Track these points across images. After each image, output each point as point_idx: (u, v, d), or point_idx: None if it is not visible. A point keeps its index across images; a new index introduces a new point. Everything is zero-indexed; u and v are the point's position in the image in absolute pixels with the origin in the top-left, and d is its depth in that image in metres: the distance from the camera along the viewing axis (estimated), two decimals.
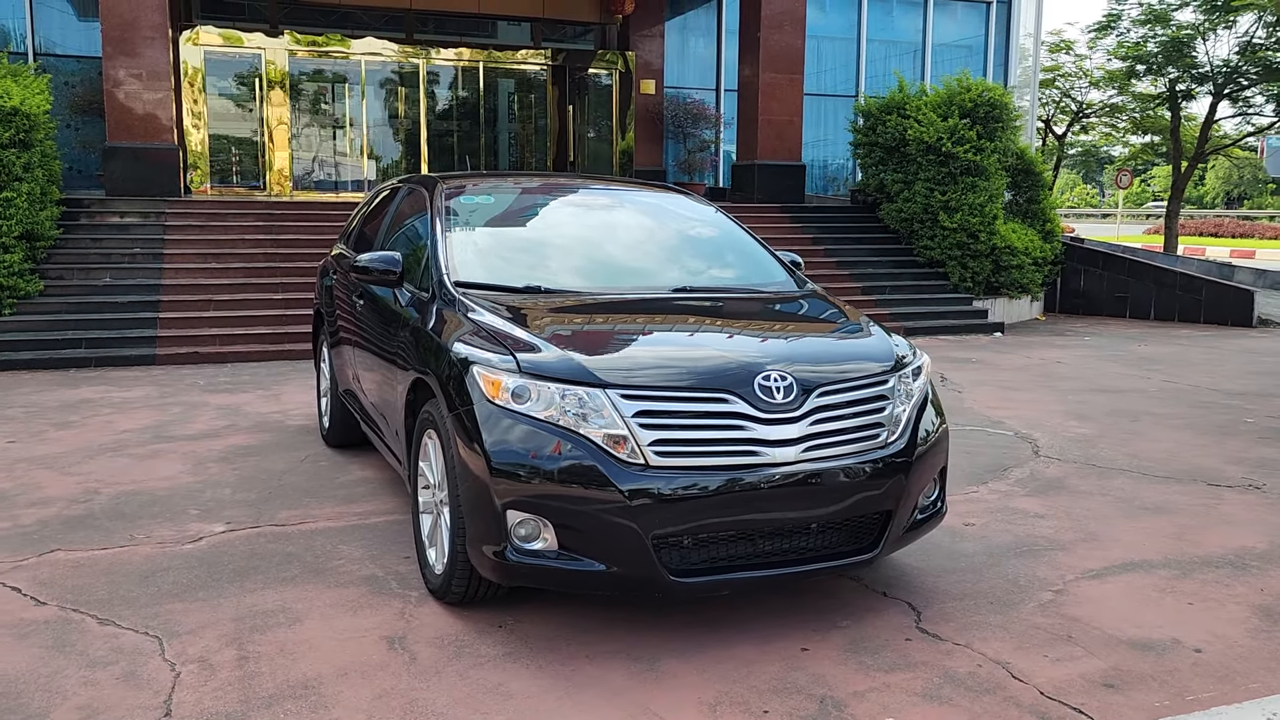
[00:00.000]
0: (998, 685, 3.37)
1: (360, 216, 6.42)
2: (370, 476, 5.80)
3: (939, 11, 20.89)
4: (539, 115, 18.69)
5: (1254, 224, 42.23)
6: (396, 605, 4.00)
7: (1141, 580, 4.32)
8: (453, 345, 3.85)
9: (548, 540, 3.50)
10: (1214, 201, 64.01)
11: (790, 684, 3.37)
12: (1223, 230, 39.02)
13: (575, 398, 3.51)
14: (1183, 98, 24.93)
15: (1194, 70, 23.68)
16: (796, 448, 3.58)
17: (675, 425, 3.51)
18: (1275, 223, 44.58)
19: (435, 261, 4.48)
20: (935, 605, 4.02)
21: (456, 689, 3.33)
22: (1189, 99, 25.20)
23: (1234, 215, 49.55)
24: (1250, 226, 40.90)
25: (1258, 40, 23.05)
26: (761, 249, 5.15)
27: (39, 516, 5.08)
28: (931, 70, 20.70)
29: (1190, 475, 5.97)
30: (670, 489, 3.43)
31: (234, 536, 4.80)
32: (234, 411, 7.59)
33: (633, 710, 3.20)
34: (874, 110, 13.83)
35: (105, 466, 6.02)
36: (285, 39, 16.33)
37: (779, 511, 3.57)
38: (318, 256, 11.51)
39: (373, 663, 3.51)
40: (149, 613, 3.91)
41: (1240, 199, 64.47)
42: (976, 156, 12.82)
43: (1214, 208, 60.25)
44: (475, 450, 3.57)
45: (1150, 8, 24.07)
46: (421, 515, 4.24)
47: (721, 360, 3.70)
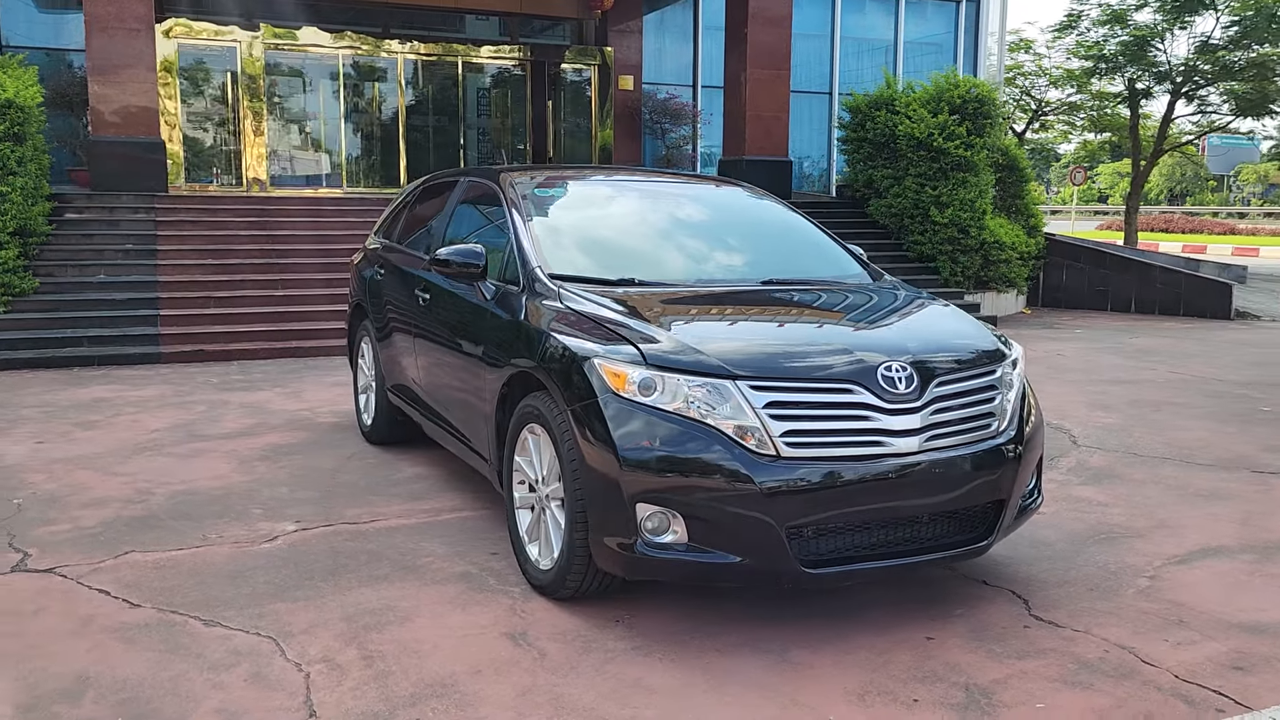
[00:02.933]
0: (1130, 670, 3.42)
1: (402, 210, 6.33)
2: (425, 473, 5.73)
3: (910, 10, 21.10)
4: (517, 110, 18.56)
5: (1200, 220, 43.28)
6: (503, 601, 3.95)
7: (1227, 565, 4.41)
8: (566, 338, 3.81)
9: (677, 533, 3.49)
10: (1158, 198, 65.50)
11: (929, 673, 3.39)
12: (1173, 226, 39.95)
13: (704, 389, 3.49)
14: (1142, 96, 25.44)
15: (1154, 69, 24.18)
16: (919, 437, 3.60)
17: (805, 416, 3.51)
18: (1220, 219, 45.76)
19: (522, 254, 4.43)
20: (1039, 593, 4.07)
21: (597, 684, 3.30)
22: (1147, 97, 25.73)
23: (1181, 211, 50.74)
24: (1199, 222, 41.92)
25: (1215, 41, 23.60)
26: (830, 240, 5.17)
27: (99, 517, 4.94)
28: (903, 67, 20.90)
29: (1232, 463, 6.10)
30: (804, 480, 3.43)
31: (309, 535, 4.71)
32: (259, 410, 7.44)
33: (782, 702, 3.20)
34: (863, 106, 13.95)
35: (148, 466, 5.87)
36: (262, 32, 16.02)
37: (903, 501, 3.59)
38: (316, 253, 11.37)
39: (502, 659, 3.47)
40: (253, 613, 3.83)
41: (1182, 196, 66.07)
42: (967, 152, 12.98)
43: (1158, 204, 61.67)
44: (601, 444, 3.53)
45: (1110, 8, 24.53)
46: (518, 511, 4.20)
47: (845, 351, 3.70)
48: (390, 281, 5.87)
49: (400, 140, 17.21)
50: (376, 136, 17.32)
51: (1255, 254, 31.35)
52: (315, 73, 16.78)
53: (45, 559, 4.39)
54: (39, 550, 4.50)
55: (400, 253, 5.90)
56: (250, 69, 15.85)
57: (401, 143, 17.22)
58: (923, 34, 21.38)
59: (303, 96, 16.81)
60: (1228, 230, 39.20)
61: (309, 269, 11.06)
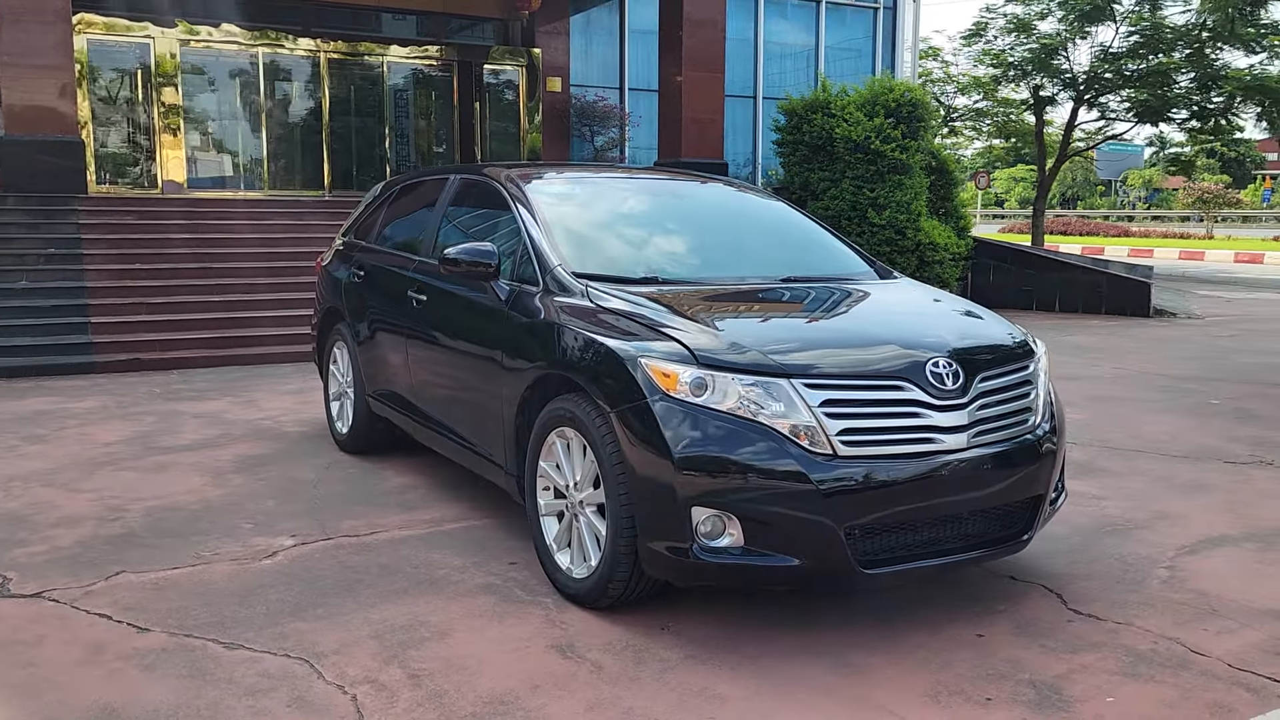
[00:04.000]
0: (1183, 660, 3.45)
1: (378, 209, 6.10)
2: (414, 482, 5.52)
3: (830, 16, 21.41)
4: (444, 111, 18.24)
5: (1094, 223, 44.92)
6: (538, 613, 3.81)
7: (1235, 554, 4.51)
8: (605, 339, 3.69)
9: (733, 536, 3.40)
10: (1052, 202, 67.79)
11: (993, 670, 3.37)
12: (1070, 229, 41.38)
13: (758, 388, 3.42)
14: (1046, 103, 26.25)
15: (1059, 77, 24.97)
16: (966, 434, 3.58)
17: (860, 414, 3.46)
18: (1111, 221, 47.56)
19: (539, 253, 4.29)
20: (1069, 587, 4.09)
21: (663, 695, 3.20)
22: (1052, 104, 26.56)
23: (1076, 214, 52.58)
24: (1094, 225, 43.51)
25: (1115, 49, 24.48)
26: (834, 237, 5.15)
27: (75, 537, 4.64)
28: (825, 72, 21.18)
29: (1203, 454, 6.27)
30: (861, 479, 3.38)
31: (310, 549, 4.49)
32: (217, 420, 7.11)
33: (857, 705, 3.14)
34: (799, 109, 14.06)
35: (113, 481, 5.54)
36: (178, 29, 15.43)
37: (952, 498, 3.57)
38: (253, 256, 10.98)
39: (557, 673, 3.33)
40: (274, 634, 3.61)
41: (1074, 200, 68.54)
42: (902, 155, 13.20)
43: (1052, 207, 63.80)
44: (652, 447, 3.43)
45: (1016, 18, 25.27)
46: (543, 518, 4.06)
47: (893, 348, 3.67)
48: (373, 284, 5.65)
49: (324, 141, 16.76)
50: (299, 138, 16.83)
51: (1150, 254, 32.64)
52: (234, 72, 16.23)
53: (29, 583, 4.09)
54: (18, 574, 4.19)
55: (383, 254, 5.69)
56: (165, 67, 15.25)
57: (325, 144, 16.77)
58: (842, 40, 21.71)
59: (222, 96, 16.25)
60: (1122, 233, 40.77)
61: (247, 273, 10.66)
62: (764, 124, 20.86)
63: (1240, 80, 22.46)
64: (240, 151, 16.40)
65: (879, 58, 21.93)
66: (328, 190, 16.55)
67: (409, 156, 18.10)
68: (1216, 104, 24.07)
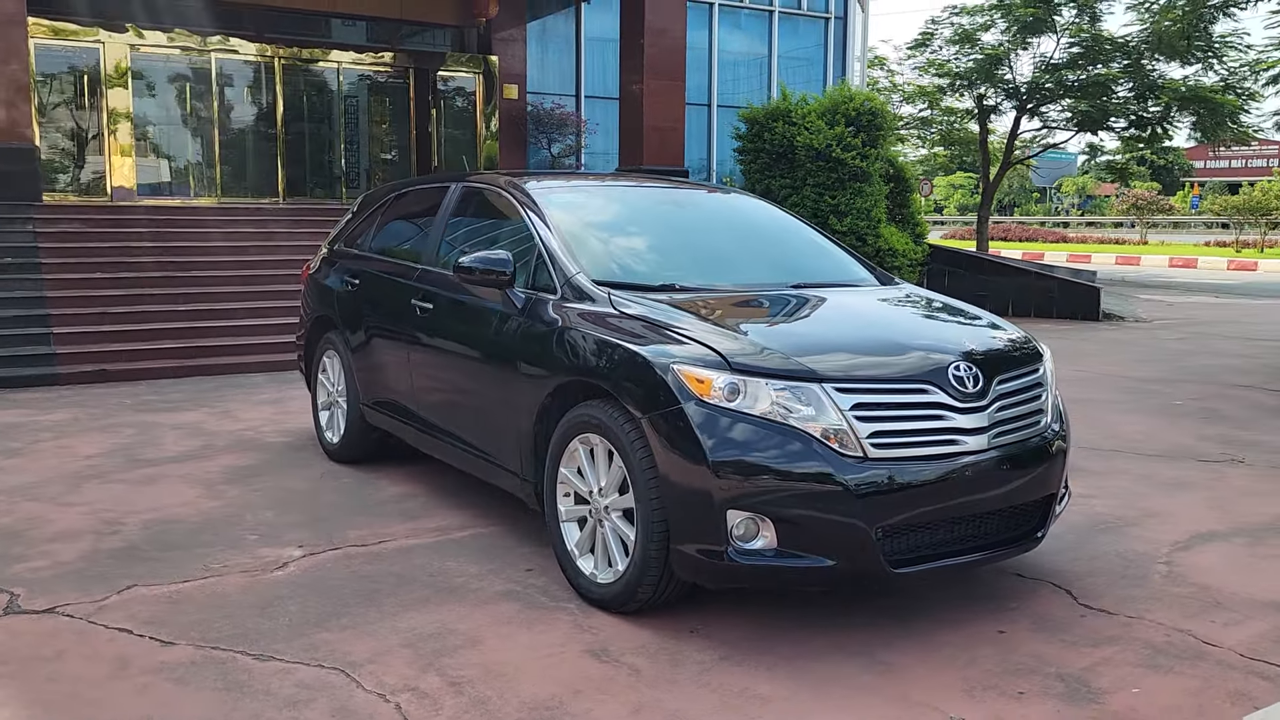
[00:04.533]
0: (1198, 652, 3.57)
1: (371, 217, 6.06)
2: (411, 490, 5.50)
3: (783, 25, 21.67)
4: (400, 118, 18.10)
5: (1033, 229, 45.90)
6: (564, 618, 3.83)
7: (1228, 549, 4.67)
8: (634, 345, 3.72)
9: (767, 538, 3.46)
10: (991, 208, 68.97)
11: (1019, 665, 3.46)
12: (1010, 234, 42.26)
13: (790, 392, 3.48)
14: (990, 112, 26.79)
15: (1002, 86, 25.51)
16: (987, 435, 3.68)
17: (889, 417, 3.54)
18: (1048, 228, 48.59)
19: (555, 260, 4.32)
20: (1075, 583, 4.21)
21: (705, 697, 3.24)
22: (995, 113, 27.11)
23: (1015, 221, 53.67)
24: (1033, 231, 44.46)
25: (1056, 60, 25.08)
26: (833, 243, 5.23)
27: (76, 551, 4.55)
28: (778, 79, 21.42)
29: (1177, 453, 6.47)
30: (892, 481, 3.46)
31: (321, 560, 4.45)
32: (197, 431, 7.00)
33: (898, 703, 3.21)
34: (760, 118, 14.20)
35: (103, 495, 5.44)
36: (129, 34, 15.14)
37: (973, 498, 3.66)
38: (216, 265, 10.84)
39: (595, 677, 3.36)
40: (302, 644, 3.59)
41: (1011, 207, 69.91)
42: (862, 163, 13.40)
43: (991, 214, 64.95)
44: (686, 451, 3.47)
45: (961, 28, 25.79)
46: (564, 524, 4.08)
47: (916, 352, 3.76)
48: (370, 292, 5.62)
49: (278, 148, 16.54)
50: (253, 144, 16.60)
51: (1088, 260, 33.39)
52: (186, 78, 15.96)
53: (38, 598, 4.01)
54: (25, 589, 4.10)
55: (380, 262, 5.66)
56: (116, 72, 14.95)
57: (279, 151, 16.56)
58: (795, 49, 21.99)
59: (173, 102, 15.97)
60: (1059, 238, 41.69)
61: (212, 282, 10.50)
62: (719, 131, 21.04)
63: (1176, 91, 23.17)
64: (192, 158, 16.13)
65: (830, 67, 22.25)
66: (282, 198, 16.34)
67: (364, 163, 17.95)
68: (1153, 113, 24.78)
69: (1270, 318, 15.51)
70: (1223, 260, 31.24)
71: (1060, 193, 68.54)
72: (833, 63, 22.35)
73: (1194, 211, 54.15)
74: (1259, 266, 29.81)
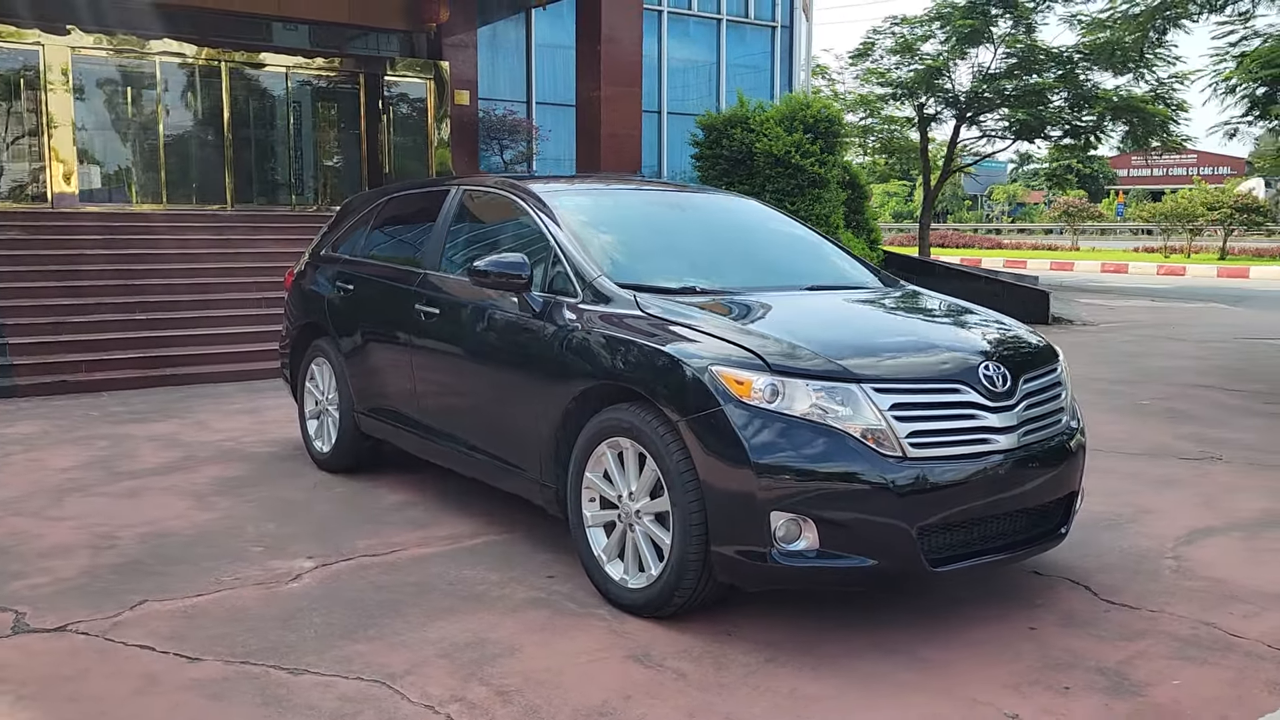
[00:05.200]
0: (1226, 644, 3.65)
1: (362, 222, 5.96)
2: (412, 499, 5.41)
3: (730, 34, 21.84)
4: (350, 123, 17.85)
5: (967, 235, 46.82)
6: (597, 624, 3.79)
7: (1228, 543, 4.79)
8: (669, 347, 3.70)
9: (809, 539, 3.46)
10: None
11: (1057, 660, 3.50)
12: (947, 241, 43.01)
13: (830, 393, 3.49)
14: (931, 120, 27.26)
15: (943, 95, 25.98)
16: (1016, 433, 3.73)
17: (925, 417, 3.57)
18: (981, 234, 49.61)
19: (573, 264, 4.28)
20: (1092, 579, 4.28)
21: (756, 699, 3.23)
22: (935, 121, 27.59)
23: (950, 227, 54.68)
24: (969, 237, 45.34)
25: (993, 71, 25.61)
26: (837, 246, 5.27)
27: (76, 567, 4.39)
28: (726, 87, 21.59)
29: (1158, 452, 6.63)
30: (931, 480, 3.49)
31: (335, 571, 4.35)
32: (173, 442, 6.80)
33: (948, 698, 3.23)
34: (718, 124, 14.28)
35: (89, 509, 5.26)
36: (69, 36, 14.71)
37: (1005, 495, 3.70)
38: (171, 272, 10.60)
39: (643, 682, 3.33)
40: (335, 657, 3.51)
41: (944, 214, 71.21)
42: (820, 169, 13.54)
43: None
44: (728, 454, 3.46)
45: (902, 37, 26.22)
46: (590, 530, 4.04)
47: (946, 352, 3.80)
48: (366, 298, 5.52)
49: (225, 154, 16.20)
50: (199, 150, 16.23)
51: (1024, 265, 34.13)
52: (129, 82, 15.56)
53: (46, 616, 3.86)
54: (30, 608, 3.95)
55: (376, 266, 5.56)
56: (56, 75, 14.52)
57: (226, 156, 16.22)
58: (742, 57, 22.16)
59: (116, 107, 15.56)
60: (994, 245, 42.57)
61: (169, 290, 10.24)
62: (669, 138, 21.14)
63: (1110, 100, 23.83)
64: (136, 164, 15.71)
65: (777, 75, 22.49)
66: (230, 204, 16.00)
67: (313, 169, 17.68)
68: (1087, 122, 25.45)
69: (1207, 320, 15.98)
70: (1152, 265, 32.16)
71: (991, 200, 69.98)
72: (780, 71, 22.60)
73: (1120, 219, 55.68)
74: (1187, 271, 30.72)
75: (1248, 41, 10.24)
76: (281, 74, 16.87)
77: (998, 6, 24.17)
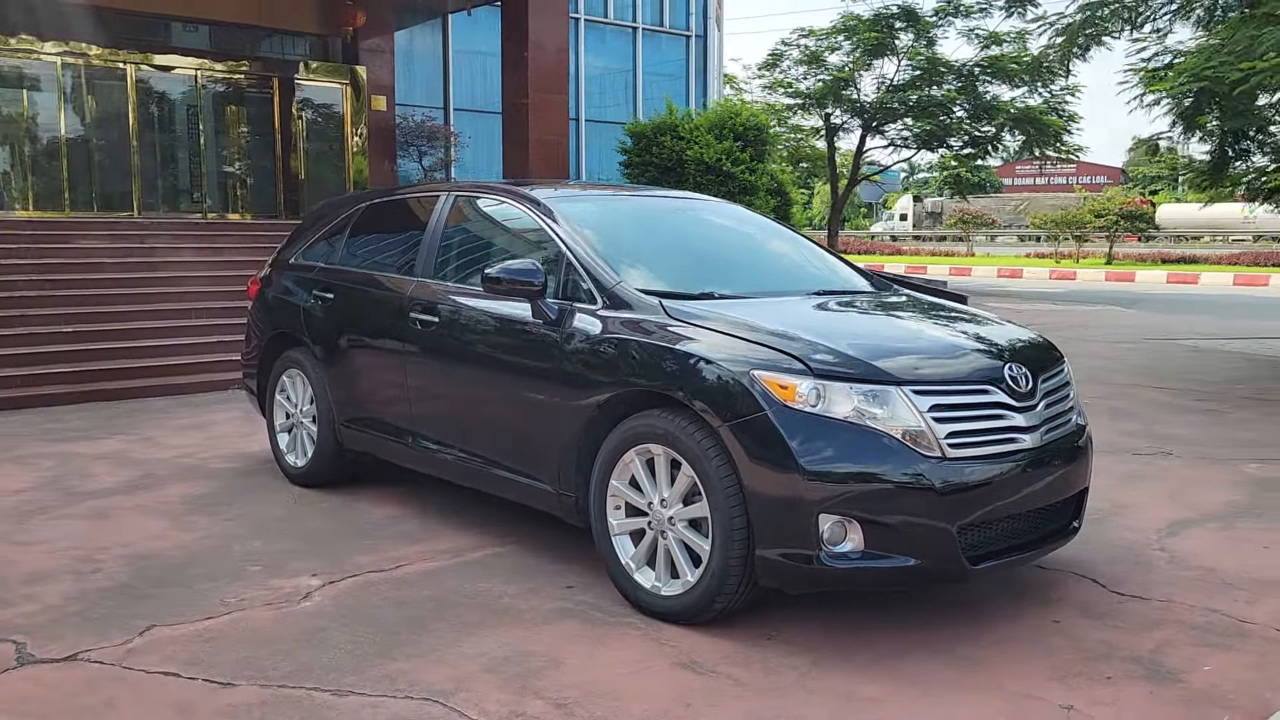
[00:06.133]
0: (1239, 630, 3.81)
1: (339, 230, 5.78)
2: (398, 513, 5.27)
3: (646, 42, 21.97)
4: (264, 129, 17.34)
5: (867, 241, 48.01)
6: (633, 633, 3.76)
7: (1206, 534, 5.00)
8: (707, 353, 3.69)
9: (854, 541, 3.49)
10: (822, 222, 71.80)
11: (1091, 652, 3.61)
12: (849, 247, 43.99)
13: (872, 396, 3.53)
14: (838, 130, 27.86)
15: (849, 105, 26.57)
16: (1039, 432, 3.83)
17: (961, 418, 3.64)
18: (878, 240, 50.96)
19: (589, 271, 4.23)
20: (1095, 572, 4.42)
21: (816, 701, 3.24)
22: (843, 131, 28.21)
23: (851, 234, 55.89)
24: (871, 244, 46.48)
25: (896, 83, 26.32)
26: (827, 251, 5.34)
27: (62, 593, 4.16)
28: (643, 94, 21.70)
29: (1113, 449, 6.86)
30: (970, 479, 3.57)
31: (344, 588, 4.22)
32: (125, 460, 6.50)
33: (999, 694, 3.29)
34: (647, 132, 14.36)
35: (56, 532, 5.00)
36: None
37: (1032, 492, 3.80)
38: (95, 283, 10.15)
39: (700, 690, 3.31)
40: (376, 676, 3.40)
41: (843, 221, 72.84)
42: (750, 177, 13.73)
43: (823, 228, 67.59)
44: (774, 458, 3.48)
45: (809, 49, 26.75)
46: (616, 538, 4.00)
47: (973, 354, 3.88)
48: (350, 306, 5.37)
49: (132, 160, 15.57)
50: (104, 156, 15.57)
51: (924, 270, 35.15)
52: (32, 85, 14.86)
53: (51, 645, 3.65)
54: (28, 637, 3.73)
55: (359, 274, 5.41)
56: None
57: (133, 163, 15.60)
58: (658, 65, 22.31)
59: (17, 111, 14.83)
60: (894, 251, 43.74)
61: (96, 301, 9.79)
62: (587, 146, 21.14)
63: (1009, 111, 24.74)
64: (36, 170, 15.01)
65: (693, 83, 22.73)
66: (137, 211, 15.41)
67: (225, 175, 17.13)
68: (985, 132, 26.36)
69: (1108, 322, 16.66)
70: (1045, 270, 33.40)
71: (886, 208, 71.75)
72: (695, 79, 22.84)
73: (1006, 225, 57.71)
74: (1078, 276, 32.00)
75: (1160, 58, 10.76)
76: (192, 77, 16.32)
77: (901, 20, 24.85)
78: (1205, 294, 24.33)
